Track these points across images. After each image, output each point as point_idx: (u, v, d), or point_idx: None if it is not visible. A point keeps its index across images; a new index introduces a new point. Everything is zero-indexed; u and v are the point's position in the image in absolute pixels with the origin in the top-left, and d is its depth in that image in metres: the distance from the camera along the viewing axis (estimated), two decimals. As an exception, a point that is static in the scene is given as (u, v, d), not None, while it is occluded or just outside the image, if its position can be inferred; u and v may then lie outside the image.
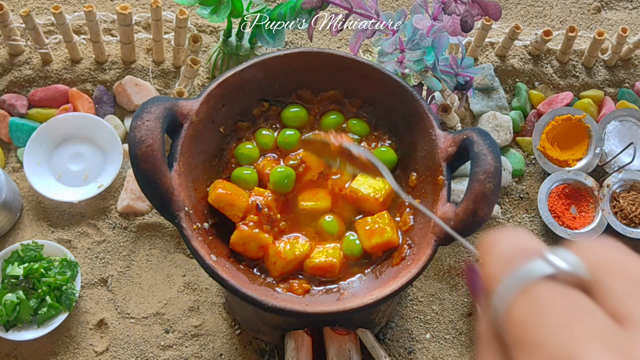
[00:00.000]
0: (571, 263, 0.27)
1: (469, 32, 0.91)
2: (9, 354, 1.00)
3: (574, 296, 0.26)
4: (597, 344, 0.24)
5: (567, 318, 0.25)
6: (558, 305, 0.25)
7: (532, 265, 0.27)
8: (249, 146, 0.87)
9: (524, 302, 0.26)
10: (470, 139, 0.75)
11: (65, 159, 1.11)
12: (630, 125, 1.21)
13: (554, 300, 0.26)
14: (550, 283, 0.26)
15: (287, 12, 1.01)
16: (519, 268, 0.27)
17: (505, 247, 0.29)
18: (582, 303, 0.25)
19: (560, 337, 0.24)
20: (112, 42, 1.20)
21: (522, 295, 0.26)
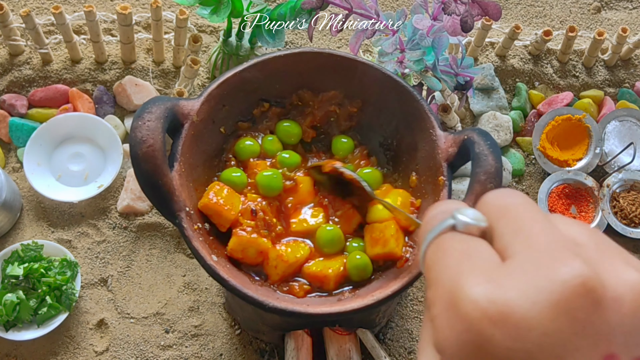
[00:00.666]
0: (471, 216, 0.30)
1: (469, 32, 0.91)
2: (9, 354, 1.00)
3: (469, 241, 0.30)
4: (478, 275, 0.27)
5: (459, 258, 0.29)
6: (454, 249, 0.29)
7: (443, 221, 0.31)
8: (248, 142, 0.87)
9: (432, 249, 0.31)
10: (471, 140, 0.75)
11: (65, 159, 1.11)
12: (630, 125, 1.21)
13: (452, 246, 0.30)
14: (452, 233, 0.31)
15: (287, 12, 1.01)
16: (434, 225, 0.32)
17: (432, 212, 0.33)
18: (474, 246, 0.29)
19: (450, 272, 0.28)
20: (112, 42, 1.20)
21: (433, 244, 0.31)
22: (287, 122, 0.90)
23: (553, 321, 0.24)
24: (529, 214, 0.29)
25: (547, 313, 0.24)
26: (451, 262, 0.29)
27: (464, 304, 0.26)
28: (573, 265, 0.25)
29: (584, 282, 0.25)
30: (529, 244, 0.27)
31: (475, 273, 0.27)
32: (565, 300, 0.24)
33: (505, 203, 0.31)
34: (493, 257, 0.28)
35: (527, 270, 0.26)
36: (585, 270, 0.25)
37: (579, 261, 0.25)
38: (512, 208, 0.30)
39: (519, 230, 0.28)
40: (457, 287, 0.27)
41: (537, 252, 0.27)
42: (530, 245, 0.27)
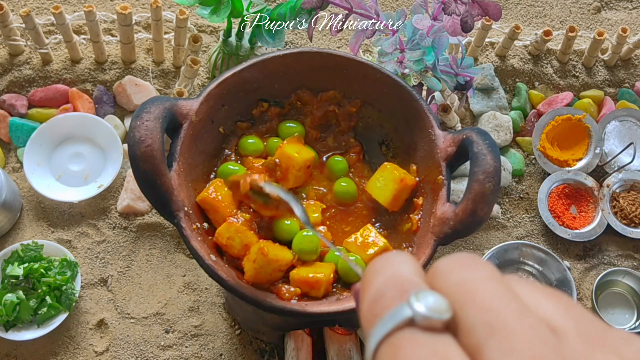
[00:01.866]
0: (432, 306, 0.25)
1: (469, 32, 0.91)
2: (9, 354, 1.00)
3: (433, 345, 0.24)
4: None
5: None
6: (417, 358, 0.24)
7: (396, 310, 0.25)
8: (251, 140, 0.87)
9: (386, 352, 0.25)
10: (469, 139, 0.75)
11: (65, 159, 1.11)
12: (630, 125, 1.21)
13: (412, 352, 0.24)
14: (410, 331, 0.25)
15: (287, 12, 1.01)
16: (385, 313, 0.26)
17: (378, 283, 0.27)
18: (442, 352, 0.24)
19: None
20: (112, 42, 1.20)
21: (386, 343, 0.25)
22: (291, 123, 0.90)
23: None
24: (499, 299, 0.24)
25: None
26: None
27: None
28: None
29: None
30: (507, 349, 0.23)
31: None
32: None
33: (465, 280, 0.26)
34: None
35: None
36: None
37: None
38: (478, 290, 0.25)
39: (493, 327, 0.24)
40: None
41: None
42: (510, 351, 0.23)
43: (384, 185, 0.83)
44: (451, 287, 0.26)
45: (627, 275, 1.12)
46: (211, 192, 0.79)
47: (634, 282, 1.11)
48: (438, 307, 0.25)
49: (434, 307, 0.25)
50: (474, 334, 0.24)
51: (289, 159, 0.81)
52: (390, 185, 0.82)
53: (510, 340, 0.23)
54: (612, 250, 1.16)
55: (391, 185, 0.82)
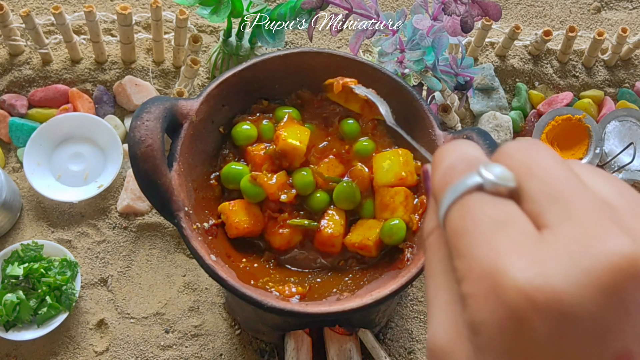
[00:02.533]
0: (500, 175, 0.28)
1: (469, 32, 0.91)
2: (9, 354, 1.00)
3: (502, 207, 0.27)
4: (519, 255, 0.25)
5: (494, 230, 0.26)
6: (486, 217, 0.27)
7: (467, 177, 0.28)
8: (245, 127, 0.86)
9: (457, 212, 0.28)
10: (470, 139, 0.75)
11: (65, 159, 1.11)
12: (630, 125, 1.21)
13: (483, 213, 0.27)
14: (479, 194, 0.28)
15: (287, 12, 1.01)
16: (456, 180, 0.29)
17: (449, 159, 0.30)
18: (506, 212, 0.27)
19: (487, 248, 0.26)
20: (112, 42, 1.20)
21: (457, 205, 0.28)
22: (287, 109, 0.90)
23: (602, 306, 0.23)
24: (560, 175, 0.27)
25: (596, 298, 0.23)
26: (485, 235, 0.26)
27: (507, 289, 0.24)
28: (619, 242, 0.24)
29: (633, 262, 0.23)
30: (567, 214, 0.25)
31: (515, 251, 0.25)
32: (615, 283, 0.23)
33: (532, 160, 0.28)
34: (529, 228, 0.26)
35: (570, 247, 0.24)
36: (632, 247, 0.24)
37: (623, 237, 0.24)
38: (541, 167, 0.28)
39: (554, 196, 0.26)
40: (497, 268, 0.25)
41: (578, 225, 0.25)
42: (569, 216, 0.25)
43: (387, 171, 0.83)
44: (516, 164, 0.28)
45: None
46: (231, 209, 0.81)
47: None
48: (504, 176, 0.28)
49: (500, 176, 0.28)
50: (536, 202, 0.27)
51: (294, 149, 0.82)
52: (390, 175, 0.82)
53: (569, 207, 0.26)
54: (612, 250, 1.16)
55: (391, 175, 0.82)
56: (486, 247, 0.26)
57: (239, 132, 0.86)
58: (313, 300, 0.79)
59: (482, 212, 0.27)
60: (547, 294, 0.24)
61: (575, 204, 0.26)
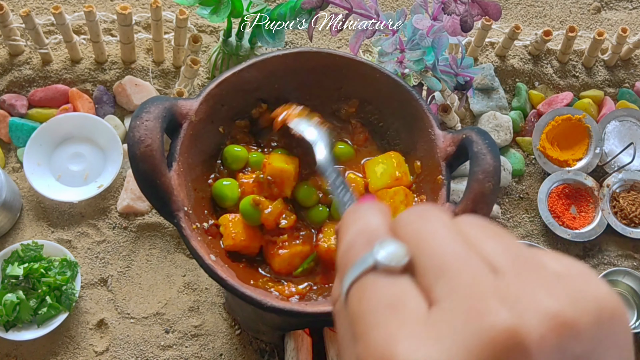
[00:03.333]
0: (392, 253, 0.29)
1: (468, 32, 0.91)
2: (9, 354, 1.00)
3: (392, 287, 0.28)
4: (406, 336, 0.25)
5: (384, 312, 0.27)
6: (377, 298, 0.28)
7: (363, 258, 0.29)
8: (237, 149, 0.85)
9: (355, 294, 0.29)
10: (469, 139, 0.75)
11: (65, 159, 1.11)
12: (630, 125, 1.21)
13: (374, 294, 0.28)
14: (373, 275, 0.29)
15: (287, 12, 1.01)
16: (354, 261, 0.30)
17: (350, 234, 0.31)
18: (398, 293, 0.28)
19: (378, 333, 0.26)
20: (112, 42, 1.20)
21: (355, 287, 0.29)
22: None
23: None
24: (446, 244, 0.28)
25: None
26: (378, 319, 0.27)
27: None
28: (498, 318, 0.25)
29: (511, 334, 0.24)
30: (451, 288, 0.26)
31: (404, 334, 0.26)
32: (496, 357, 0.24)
33: (420, 230, 0.29)
34: (420, 306, 0.27)
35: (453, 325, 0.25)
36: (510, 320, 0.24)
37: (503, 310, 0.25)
38: (428, 237, 0.29)
39: (439, 269, 0.27)
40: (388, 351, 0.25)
41: (461, 300, 0.26)
42: (452, 290, 0.26)
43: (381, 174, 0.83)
44: (408, 236, 0.29)
45: (627, 276, 1.12)
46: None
47: (634, 282, 1.11)
48: (397, 254, 0.28)
49: (393, 254, 0.28)
50: (426, 276, 0.27)
51: (281, 171, 0.80)
52: (385, 178, 0.82)
53: (453, 281, 0.26)
54: (612, 250, 1.16)
55: (386, 178, 0.82)
56: (379, 331, 0.26)
57: (229, 154, 0.84)
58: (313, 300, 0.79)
59: (376, 295, 0.28)
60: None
61: (460, 276, 0.26)
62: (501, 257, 0.28)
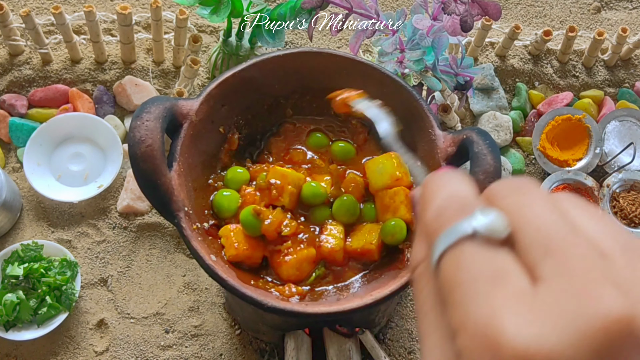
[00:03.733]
0: (492, 222, 0.27)
1: (468, 32, 0.91)
2: (9, 354, 1.00)
3: (494, 258, 0.27)
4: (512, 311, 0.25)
5: (489, 284, 0.26)
6: (478, 269, 0.26)
7: (460, 224, 0.28)
8: (239, 170, 0.85)
9: (451, 261, 0.28)
10: (469, 139, 0.75)
11: (65, 159, 1.11)
12: (630, 125, 1.21)
13: (475, 264, 0.27)
14: (473, 244, 0.27)
15: (287, 12, 1.01)
16: (449, 226, 0.28)
17: (440, 198, 0.30)
18: (501, 266, 0.26)
19: (480, 304, 0.25)
20: (112, 42, 1.20)
21: (450, 254, 0.28)
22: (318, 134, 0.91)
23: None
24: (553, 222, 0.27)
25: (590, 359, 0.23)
26: (480, 290, 0.26)
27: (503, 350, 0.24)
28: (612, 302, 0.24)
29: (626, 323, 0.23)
30: (561, 268, 0.25)
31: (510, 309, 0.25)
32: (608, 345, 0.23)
33: (521, 202, 0.28)
34: (524, 283, 0.26)
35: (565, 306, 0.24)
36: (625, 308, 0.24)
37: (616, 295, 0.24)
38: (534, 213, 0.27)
39: (548, 247, 0.26)
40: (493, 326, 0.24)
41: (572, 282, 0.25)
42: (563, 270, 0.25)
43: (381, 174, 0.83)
44: (509, 208, 0.28)
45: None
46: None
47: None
48: (498, 224, 0.27)
49: (494, 224, 0.27)
50: (531, 253, 0.26)
51: (283, 176, 0.81)
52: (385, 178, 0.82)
53: (563, 261, 0.25)
54: (612, 250, 1.16)
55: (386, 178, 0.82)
56: (481, 303, 0.25)
57: (233, 174, 0.85)
58: (313, 300, 0.79)
59: (476, 265, 0.27)
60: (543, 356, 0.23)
61: (569, 257, 0.25)
62: (609, 241, 0.26)
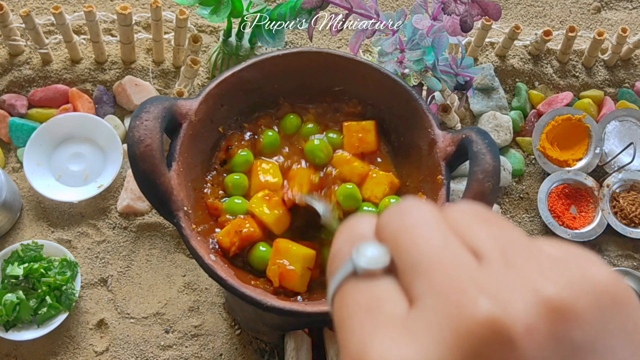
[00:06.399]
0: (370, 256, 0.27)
1: (468, 32, 0.91)
2: (9, 354, 1.00)
3: (371, 291, 0.27)
4: (384, 333, 0.24)
5: (362, 317, 0.26)
6: (356, 305, 0.27)
7: (344, 264, 0.28)
8: (243, 153, 0.85)
9: (337, 302, 0.28)
10: (469, 139, 0.75)
11: (65, 159, 1.11)
12: (630, 125, 1.21)
13: (353, 301, 0.27)
14: (353, 281, 0.27)
15: (287, 12, 1.01)
16: (338, 267, 0.29)
17: (338, 241, 0.30)
18: (375, 297, 0.26)
19: (355, 338, 0.25)
20: (112, 42, 1.20)
21: (337, 295, 0.28)
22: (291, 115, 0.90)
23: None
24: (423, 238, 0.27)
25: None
26: (355, 325, 0.26)
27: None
28: (477, 309, 0.23)
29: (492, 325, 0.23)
30: (428, 283, 0.25)
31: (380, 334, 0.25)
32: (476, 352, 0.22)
33: (398, 228, 0.28)
34: (399, 307, 0.26)
35: (430, 321, 0.24)
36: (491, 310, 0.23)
37: (482, 300, 0.23)
38: (406, 234, 0.27)
39: (416, 265, 0.26)
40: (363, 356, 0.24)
41: (438, 294, 0.24)
42: (430, 285, 0.25)
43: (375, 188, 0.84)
44: (389, 235, 0.28)
45: (627, 275, 1.11)
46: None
47: (634, 282, 1.11)
48: (374, 257, 0.27)
49: (372, 257, 0.27)
50: (405, 275, 0.26)
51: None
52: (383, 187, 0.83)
53: (432, 275, 0.25)
54: (612, 250, 1.16)
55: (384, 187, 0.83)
56: (356, 337, 0.25)
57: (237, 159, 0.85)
58: (313, 300, 0.79)
59: (354, 301, 0.27)
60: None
61: (436, 273, 0.25)
62: (489, 243, 0.26)
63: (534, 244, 0.26)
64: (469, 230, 0.27)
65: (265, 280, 0.80)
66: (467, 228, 0.27)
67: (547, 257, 0.25)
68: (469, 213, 0.28)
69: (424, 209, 0.28)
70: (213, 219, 0.81)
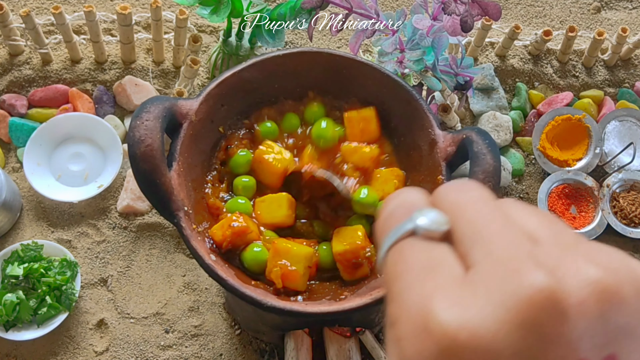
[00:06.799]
0: (431, 220, 0.29)
1: (468, 32, 0.91)
2: (9, 354, 1.00)
3: (431, 251, 0.28)
4: (444, 296, 0.26)
5: (422, 274, 0.27)
6: (416, 261, 0.28)
7: (402, 224, 0.30)
8: (242, 152, 0.85)
9: (392, 258, 0.30)
10: (469, 139, 0.75)
11: (65, 159, 1.11)
12: (630, 125, 1.21)
13: (413, 257, 0.29)
14: (412, 240, 0.29)
15: (287, 12, 1.01)
16: (393, 227, 0.30)
17: (390, 207, 0.32)
18: (437, 257, 0.28)
19: (415, 291, 0.27)
20: (112, 42, 1.20)
21: (392, 251, 0.30)
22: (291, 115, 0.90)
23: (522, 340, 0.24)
24: (484, 213, 0.29)
25: (515, 333, 0.24)
26: (414, 279, 0.27)
27: (433, 330, 0.25)
28: (535, 278, 0.25)
29: (548, 295, 0.24)
30: (488, 252, 0.27)
31: (441, 293, 0.26)
32: (532, 317, 0.24)
33: (459, 200, 0.30)
34: (456, 270, 0.27)
35: (489, 285, 0.25)
36: (548, 281, 0.24)
37: (540, 272, 0.25)
38: (467, 206, 0.29)
39: (477, 235, 0.28)
40: (424, 310, 0.26)
41: (497, 262, 0.26)
42: (489, 253, 0.27)
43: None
44: (448, 206, 0.30)
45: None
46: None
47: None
48: (437, 220, 0.29)
49: (433, 220, 0.29)
50: (463, 243, 0.28)
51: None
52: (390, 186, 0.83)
53: (490, 246, 0.27)
54: (612, 250, 1.16)
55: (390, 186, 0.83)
56: (414, 291, 0.27)
57: (237, 159, 0.85)
58: (313, 300, 0.79)
59: (413, 258, 0.29)
60: (470, 333, 0.24)
61: (495, 242, 0.27)
62: (541, 230, 0.28)
63: (579, 234, 0.28)
64: (522, 218, 0.29)
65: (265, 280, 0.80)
66: (520, 216, 0.29)
67: (593, 245, 0.27)
68: (520, 205, 0.30)
69: (484, 189, 0.30)
70: (214, 218, 0.81)
